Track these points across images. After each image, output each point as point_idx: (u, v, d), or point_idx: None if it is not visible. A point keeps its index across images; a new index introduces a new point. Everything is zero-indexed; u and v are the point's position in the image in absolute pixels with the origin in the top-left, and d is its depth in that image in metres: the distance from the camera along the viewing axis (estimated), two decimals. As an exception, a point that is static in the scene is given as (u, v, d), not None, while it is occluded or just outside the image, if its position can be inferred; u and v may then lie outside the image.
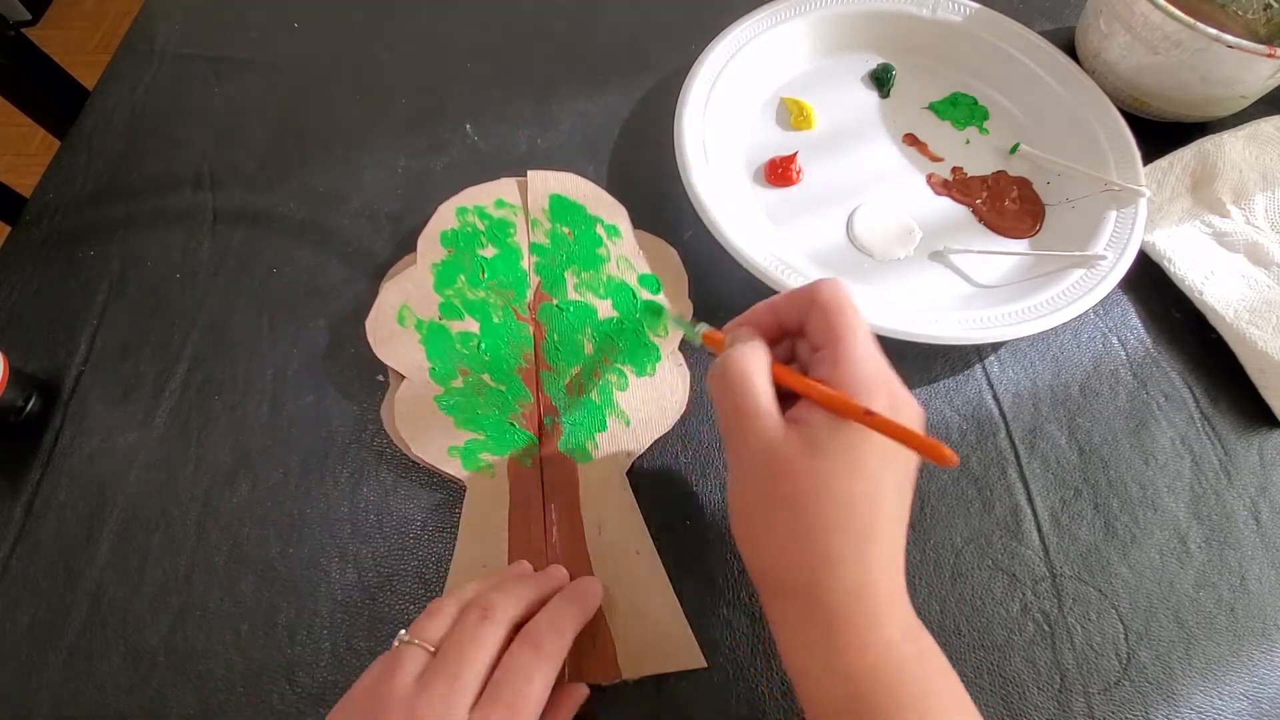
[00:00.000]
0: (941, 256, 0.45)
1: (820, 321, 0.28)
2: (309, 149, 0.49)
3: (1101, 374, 0.42)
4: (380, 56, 0.54)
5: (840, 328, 0.28)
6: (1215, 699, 0.34)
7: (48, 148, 0.49)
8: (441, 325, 0.40)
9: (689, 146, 0.44)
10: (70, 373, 0.40)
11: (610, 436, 0.38)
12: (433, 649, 0.28)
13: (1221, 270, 0.44)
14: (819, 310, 0.29)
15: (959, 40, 0.52)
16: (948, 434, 0.40)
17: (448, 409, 0.38)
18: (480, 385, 0.39)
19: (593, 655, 0.33)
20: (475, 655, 0.28)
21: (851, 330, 0.28)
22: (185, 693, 0.33)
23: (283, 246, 0.45)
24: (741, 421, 0.28)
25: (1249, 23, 0.53)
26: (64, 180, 0.47)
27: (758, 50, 0.50)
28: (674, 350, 0.41)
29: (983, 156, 0.50)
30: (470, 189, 0.45)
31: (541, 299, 0.42)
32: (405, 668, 0.27)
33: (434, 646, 0.28)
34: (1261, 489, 0.39)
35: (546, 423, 0.38)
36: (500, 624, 0.29)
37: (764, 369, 0.28)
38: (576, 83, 0.52)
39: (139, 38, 0.55)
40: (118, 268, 0.44)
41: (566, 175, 0.46)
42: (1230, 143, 0.48)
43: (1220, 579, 0.37)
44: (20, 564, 0.35)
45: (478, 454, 0.37)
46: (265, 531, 0.36)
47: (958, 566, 0.37)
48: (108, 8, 1.63)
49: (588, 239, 0.44)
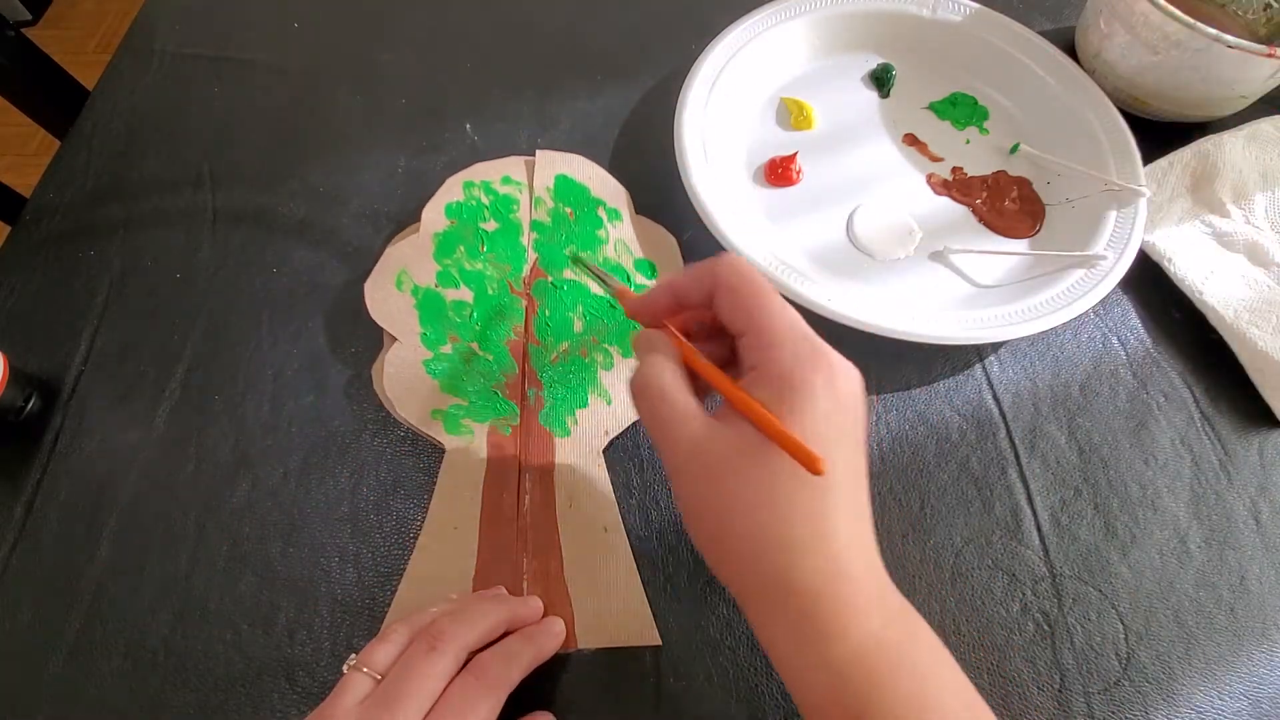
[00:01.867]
0: (941, 256, 0.45)
1: (730, 305, 0.27)
2: (309, 149, 0.49)
3: (1101, 374, 0.42)
4: (380, 56, 0.54)
5: (755, 310, 0.26)
6: (1215, 699, 0.34)
7: (48, 148, 0.49)
8: (437, 292, 0.41)
9: (689, 146, 0.44)
10: (70, 373, 0.40)
11: (590, 413, 0.39)
12: (379, 676, 0.28)
13: (1221, 270, 0.44)
14: (725, 292, 0.27)
15: (959, 40, 0.52)
16: (948, 434, 0.40)
17: (435, 374, 0.39)
18: (469, 353, 0.40)
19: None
20: (418, 686, 0.27)
21: (766, 309, 0.26)
22: (185, 692, 0.33)
23: (283, 246, 0.45)
24: (666, 431, 0.26)
25: (1249, 23, 0.53)
26: (64, 180, 0.47)
27: (758, 50, 0.50)
28: None
29: (983, 156, 0.50)
30: (479, 164, 0.46)
31: (537, 275, 0.43)
32: (348, 695, 0.27)
33: (380, 674, 0.28)
34: (1261, 489, 0.39)
35: (530, 394, 0.39)
36: (447, 654, 0.28)
37: (676, 374, 0.27)
38: (576, 82, 0.52)
39: (139, 38, 0.55)
40: (118, 268, 0.44)
41: (574, 157, 0.47)
42: (1230, 143, 0.48)
43: (1220, 579, 0.37)
44: (20, 563, 0.35)
45: (460, 419, 0.38)
46: (265, 531, 0.36)
47: (958, 566, 0.37)
48: (108, 8, 1.63)
49: (589, 220, 0.45)
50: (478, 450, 0.38)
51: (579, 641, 0.34)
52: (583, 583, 0.35)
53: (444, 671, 0.28)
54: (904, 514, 0.38)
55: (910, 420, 0.40)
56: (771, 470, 0.24)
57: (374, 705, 0.27)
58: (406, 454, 0.38)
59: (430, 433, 0.38)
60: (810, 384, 0.25)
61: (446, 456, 0.38)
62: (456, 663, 0.29)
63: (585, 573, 0.35)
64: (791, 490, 0.24)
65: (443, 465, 0.37)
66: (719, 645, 0.34)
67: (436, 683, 0.28)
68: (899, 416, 0.41)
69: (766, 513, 0.25)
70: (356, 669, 0.28)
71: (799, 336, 0.26)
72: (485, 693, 0.28)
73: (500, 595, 0.34)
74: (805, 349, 0.25)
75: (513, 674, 0.30)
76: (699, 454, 0.25)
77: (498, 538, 0.36)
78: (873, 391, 0.41)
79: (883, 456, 0.39)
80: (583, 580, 0.35)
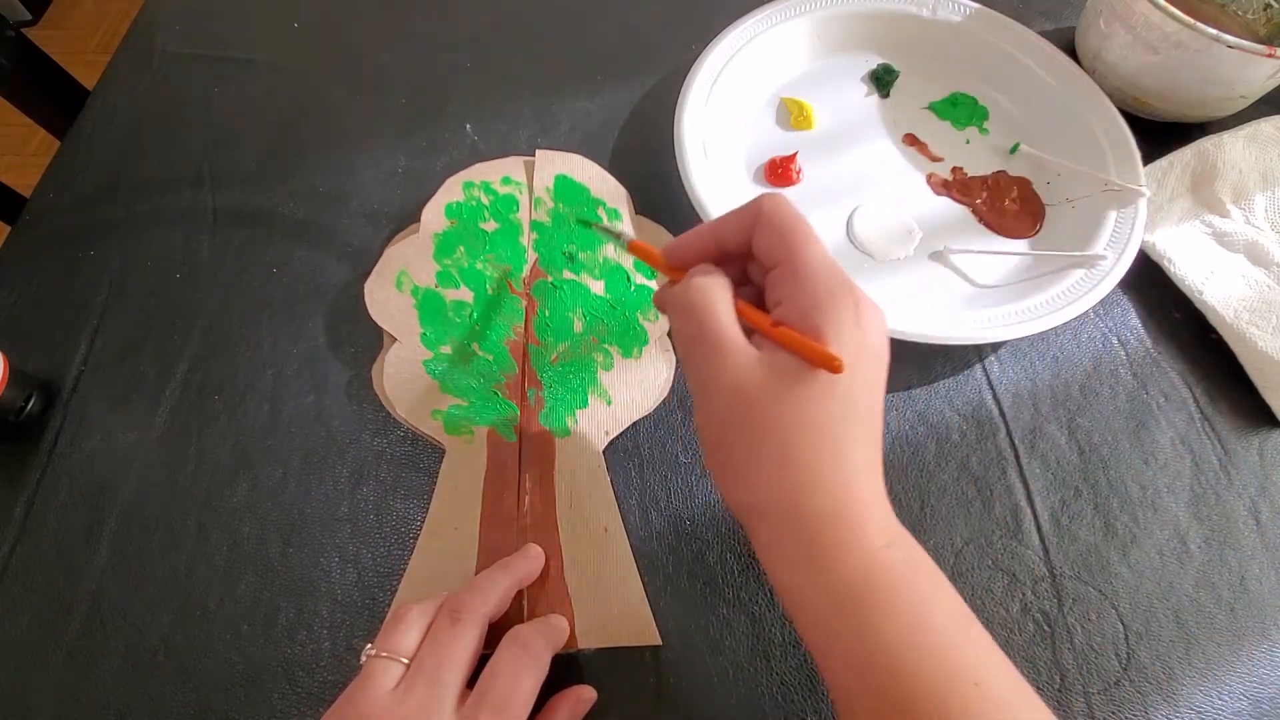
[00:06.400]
0: (941, 256, 0.45)
1: (769, 238, 0.27)
2: (309, 149, 0.49)
3: (1101, 374, 0.42)
4: (380, 56, 0.54)
5: (792, 242, 0.27)
6: (1215, 699, 0.34)
7: (48, 148, 0.49)
8: (437, 293, 0.41)
9: (689, 146, 0.44)
10: (70, 373, 0.40)
11: (591, 414, 0.39)
12: (403, 660, 0.28)
13: (1221, 270, 0.44)
14: (765, 227, 0.27)
15: (959, 40, 0.52)
16: (948, 434, 0.40)
17: (435, 374, 0.39)
18: (469, 353, 0.40)
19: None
20: (452, 658, 0.28)
21: (804, 243, 0.27)
22: (185, 692, 0.33)
23: (283, 246, 0.45)
24: (710, 353, 0.27)
25: (1249, 23, 0.53)
26: (64, 180, 0.47)
27: (758, 50, 0.50)
28: (662, 335, 0.42)
29: (983, 156, 0.50)
30: (479, 165, 0.46)
31: (537, 275, 0.43)
32: (377, 682, 0.27)
33: (404, 657, 0.28)
34: (1261, 489, 0.39)
35: (530, 395, 0.39)
36: (471, 624, 0.29)
37: (728, 301, 0.27)
38: (576, 82, 0.52)
39: (139, 38, 0.55)
40: (118, 268, 0.44)
41: (573, 156, 0.47)
42: (1230, 143, 0.48)
43: (1220, 579, 0.37)
44: (20, 564, 0.35)
45: (460, 419, 0.38)
46: (265, 531, 0.36)
47: (958, 566, 0.37)
48: (108, 8, 1.63)
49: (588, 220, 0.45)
50: (478, 450, 0.38)
51: (579, 641, 0.34)
52: (583, 583, 0.35)
53: (471, 640, 0.29)
54: (904, 514, 0.37)
55: (910, 420, 0.40)
56: (800, 395, 0.25)
57: (415, 685, 0.27)
58: (406, 454, 0.38)
59: (430, 433, 0.38)
60: (839, 313, 0.26)
61: (446, 456, 0.38)
62: (481, 632, 0.29)
63: (585, 573, 0.35)
64: (818, 414, 0.25)
65: (443, 465, 0.37)
66: (719, 645, 0.34)
67: (468, 652, 0.28)
68: (899, 416, 0.41)
69: (793, 434, 0.25)
70: (379, 656, 0.28)
71: (830, 270, 0.27)
72: (530, 663, 0.29)
73: (502, 562, 0.34)
74: (836, 284, 0.26)
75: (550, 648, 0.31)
76: (738, 382, 0.26)
77: (498, 538, 0.36)
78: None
79: (883, 456, 0.39)
80: (583, 580, 0.35)
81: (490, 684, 0.28)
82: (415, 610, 0.30)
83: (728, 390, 0.26)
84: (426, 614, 0.30)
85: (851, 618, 0.25)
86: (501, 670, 0.28)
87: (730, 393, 0.26)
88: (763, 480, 0.26)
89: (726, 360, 0.26)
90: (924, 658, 0.24)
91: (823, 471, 0.26)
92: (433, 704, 0.27)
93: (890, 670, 0.24)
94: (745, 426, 0.26)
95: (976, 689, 0.24)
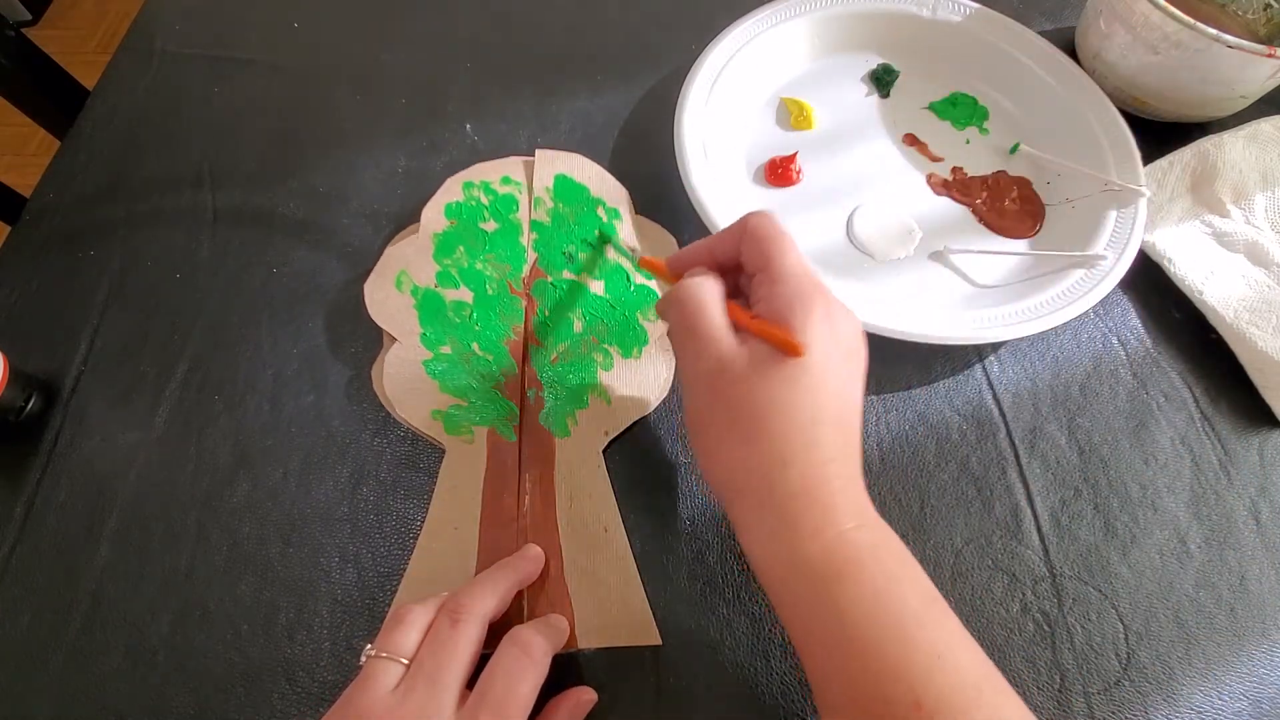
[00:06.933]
0: (941, 256, 0.45)
1: (752, 248, 0.31)
2: (309, 149, 0.49)
3: (1101, 374, 0.42)
4: (380, 56, 0.54)
5: (771, 251, 0.30)
6: (1215, 699, 0.34)
7: (48, 148, 0.49)
8: (436, 293, 0.41)
9: (689, 146, 0.44)
10: (70, 373, 0.40)
11: (590, 414, 0.39)
12: (403, 660, 0.28)
13: (1221, 270, 0.44)
14: (750, 238, 0.31)
15: (959, 40, 0.52)
16: (948, 434, 0.40)
17: (435, 374, 0.39)
18: (468, 354, 0.40)
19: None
20: (452, 659, 0.28)
21: (782, 252, 0.30)
22: (185, 692, 0.33)
23: (283, 246, 0.45)
24: (696, 343, 0.30)
25: (1249, 23, 0.53)
26: (64, 180, 0.47)
27: (758, 50, 0.50)
28: (662, 335, 0.41)
29: (983, 156, 0.50)
30: (478, 165, 0.46)
31: (537, 275, 0.43)
32: (377, 682, 0.28)
33: (404, 658, 0.28)
34: (1261, 489, 0.39)
35: (529, 395, 0.39)
36: (471, 624, 0.29)
37: (717, 297, 0.30)
38: (576, 82, 0.52)
39: (139, 38, 0.55)
40: (118, 268, 0.44)
41: (573, 156, 0.47)
42: (1230, 143, 0.48)
43: (1220, 579, 0.37)
44: (20, 564, 0.35)
45: (460, 419, 0.38)
46: (265, 531, 0.36)
47: (958, 566, 0.37)
48: (108, 8, 1.63)
49: (588, 220, 0.45)
50: (478, 450, 0.38)
51: (579, 641, 0.33)
52: (583, 583, 0.35)
53: (471, 641, 0.29)
54: (904, 514, 0.38)
55: (910, 420, 0.41)
56: (773, 376, 0.28)
57: (415, 686, 0.27)
58: (406, 454, 0.38)
59: (430, 433, 0.38)
60: (808, 310, 0.28)
61: (446, 456, 0.38)
62: (481, 633, 0.30)
63: (585, 573, 0.35)
64: (788, 394, 0.28)
65: (443, 465, 0.37)
66: (719, 645, 0.34)
67: (467, 653, 0.29)
68: (899, 416, 0.41)
69: (764, 412, 0.28)
70: (379, 657, 0.28)
71: (804, 275, 0.30)
72: (531, 665, 0.29)
73: (502, 563, 0.34)
74: (808, 286, 0.29)
75: (555, 643, 0.31)
76: (723, 363, 0.29)
77: (498, 538, 0.36)
78: (872, 391, 0.41)
79: (883, 456, 0.39)
80: (583, 580, 0.35)
81: (490, 684, 0.28)
82: (415, 611, 0.30)
83: (712, 374, 0.29)
84: (426, 614, 0.30)
85: (821, 593, 0.27)
86: (501, 671, 0.29)
87: (713, 375, 0.29)
88: (737, 455, 0.28)
89: (711, 349, 0.29)
90: (888, 636, 0.26)
91: (793, 450, 0.28)
92: (433, 704, 0.27)
93: (857, 644, 0.26)
94: (723, 405, 0.29)
95: (939, 661, 0.26)
